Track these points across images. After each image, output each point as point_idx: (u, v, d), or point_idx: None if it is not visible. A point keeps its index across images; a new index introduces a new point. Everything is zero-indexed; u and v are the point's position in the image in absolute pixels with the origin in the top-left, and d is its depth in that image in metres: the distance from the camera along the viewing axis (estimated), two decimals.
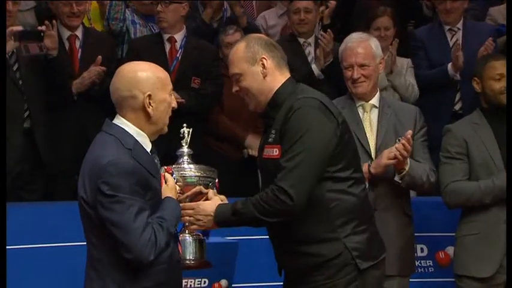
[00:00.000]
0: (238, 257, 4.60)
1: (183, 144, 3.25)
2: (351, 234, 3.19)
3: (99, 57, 5.33)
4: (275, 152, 3.15)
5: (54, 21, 5.17)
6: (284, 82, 3.22)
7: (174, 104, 3.08)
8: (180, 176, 3.21)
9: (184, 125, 3.22)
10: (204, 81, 5.68)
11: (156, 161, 3.05)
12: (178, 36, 5.75)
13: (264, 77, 3.18)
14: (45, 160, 5.15)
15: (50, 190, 5.35)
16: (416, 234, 4.34)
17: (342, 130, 3.18)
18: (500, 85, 4.38)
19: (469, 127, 4.45)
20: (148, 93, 2.98)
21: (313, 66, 5.81)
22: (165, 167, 3.09)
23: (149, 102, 2.99)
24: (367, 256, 3.22)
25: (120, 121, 3.01)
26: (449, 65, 5.88)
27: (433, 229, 5.04)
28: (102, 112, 5.15)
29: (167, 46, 5.73)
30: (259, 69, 3.18)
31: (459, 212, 4.49)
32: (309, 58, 6.02)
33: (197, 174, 3.23)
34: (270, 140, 3.19)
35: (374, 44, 4.16)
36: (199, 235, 3.27)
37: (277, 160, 3.14)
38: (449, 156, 4.39)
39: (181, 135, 3.24)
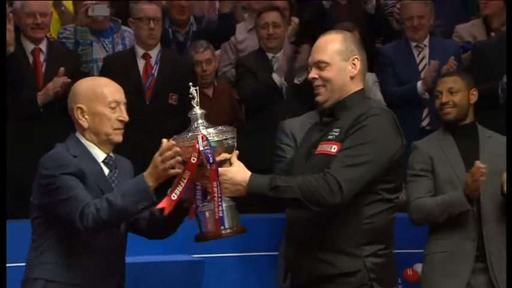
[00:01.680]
0: (204, 276, 4.51)
1: (194, 104, 3.03)
2: (373, 255, 3.13)
3: (62, 68, 5.19)
4: (333, 148, 3.09)
5: (10, 15, 5.01)
6: (360, 89, 3.22)
7: (122, 118, 3.22)
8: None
9: (190, 83, 3.09)
10: (181, 97, 5.56)
11: (111, 173, 3.15)
12: (154, 52, 5.61)
13: (349, 77, 3.17)
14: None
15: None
16: None
17: (402, 152, 3.16)
18: (438, 102, 4.45)
19: (435, 143, 4.46)
20: (78, 105, 3.17)
21: (274, 75, 5.76)
22: (201, 134, 2.93)
23: (81, 114, 3.17)
24: (383, 281, 3.14)
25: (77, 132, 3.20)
26: (419, 83, 5.88)
27: (400, 246, 4.94)
28: (68, 124, 5.06)
29: (141, 62, 5.58)
30: (349, 67, 3.18)
31: (426, 229, 4.47)
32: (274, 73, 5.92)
33: (218, 138, 3.00)
34: (330, 137, 3.13)
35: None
36: (228, 201, 3.07)
37: (332, 156, 3.08)
38: (414, 174, 4.39)
39: (191, 95, 3.05)
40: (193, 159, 2.91)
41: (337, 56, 3.18)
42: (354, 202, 3.05)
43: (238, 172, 3.02)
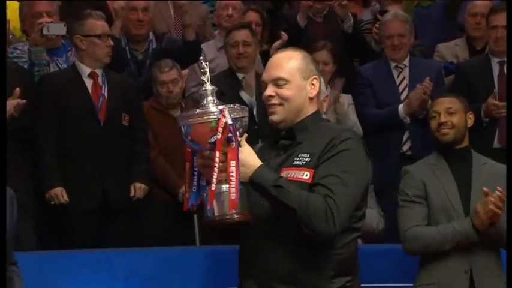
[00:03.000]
0: None
1: (205, 81, 2.86)
2: None
3: (18, 89, 4.83)
4: (306, 175, 2.95)
5: None
6: (317, 111, 3.13)
7: None
8: (204, 122, 2.79)
9: (201, 58, 2.94)
10: (132, 118, 5.28)
11: None
12: (99, 71, 5.27)
13: (308, 97, 3.07)
14: None
15: None
16: (363, 285, 3.95)
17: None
18: (435, 122, 4.28)
19: (428, 168, 4.29)
20: None
21: (242, 93, 5.47)
22: (225, 107, 2.76)
23: None
24: None
25: None
26: (401, 106, 5.62)
27: (382, 279, 4.70)
28: (20, 148, 4.87)
29: (88, 82, 5.23)
30: (308, 87, 3.07)
31: (411, 260, 4.25)
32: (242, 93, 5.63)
33: (235, 115, 2.83)
34: (297, 162, 2.99)
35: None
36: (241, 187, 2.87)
37: (306, 184, 2.94)
38: (407, 200, 4.22)
39: (202, 71, 2.87)
40: (218, 136, 2.74)
41: (297, 73, 3.05)
42: None
43: (249, 155, 2.89)
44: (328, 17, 6.39)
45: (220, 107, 2.79)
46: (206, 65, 2.89)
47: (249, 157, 2.88)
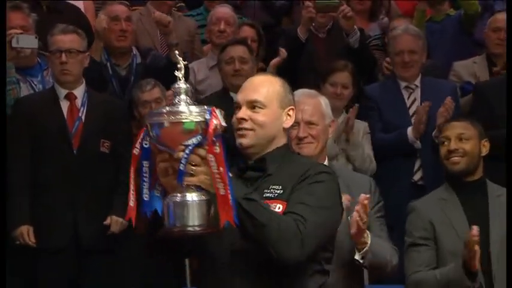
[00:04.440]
0: None
1: (179, 77, 2.66)
2: None
3: None
4: (278, 208, 2.78)
5: None
6: (286, 143, 2.95)
7: None
8: (175, 122, 2.57)
9: (177, 52, 2.79)
10: (114, 144, 4.82)
11: None
12: (79, 92, 4.81)
13: (282, 127, 2.90)
14: None
15: None
16: None
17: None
18: (445, 149, 3.97)
19: (436, 204, 3.95)
20: None
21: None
22: (211, 108, 2.57)
23: None
24: None
25: None
26: (409, 130, 5.15)
27: None
28: None
29: (64, 104, 4.78)
30: (284, 117, 2.90)
31: None
32: None
33: (198, 119, 2.58)
34: (269, 195, 2.82)
35: (324, 102, 3.63)
36: (202, 194, 2.63)
37: None
38: (413, 242, 3.94)
39: (179, 66, 2.66)
40: (198, 138, 2.54)
41: (274, 100, 2.87)
42: (299, 273, 2.78)
43: None
44: (332, 32, 5.91)
45: (192, 107, 2.57)
46: (182, 61, 2.68)
47: None
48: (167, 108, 2.57)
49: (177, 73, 2.65)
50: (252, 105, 2.84)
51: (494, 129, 4.76)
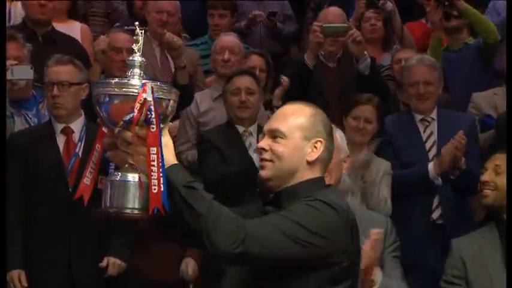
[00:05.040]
0: None
1: (135, 50, 2.52)
2: None
3: None
4: None
5: None
6: (319, 177, 2.73)
7: None
8: (123, 95, 2.45)
9: (137, 23, 2.56)
10: None
11: None
12: (76, 126, 4.58)
13: (306, 161, 2.69)
14: None
15: None
16: None
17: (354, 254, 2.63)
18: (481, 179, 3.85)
19: (473, 242, 3.94)
20: None
21: (255, 157, 4.67)
22: (150, 83, 2.42)
23: None
24: None
25: None
26: (430, 165, 4.83)
27: None
28: None
29: (61, 139, 4.55)
30: (308, 149, 2.70)
31: None
32: (250, 151, 4.88)
33: (161, 96, 2.46)
34: None
35: (339, 135, 3.42)
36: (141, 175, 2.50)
37: None
38: (446, 280, 3.96)
39: (135, 38, 2.52)
40: (134, 113, 2.39)
41: (297, 130, 2.70)
42: None
43: (166, 147, 2.48)
44: (342, 60, 5.65)
45: (145, 81, 2.43)
46: (140, 31, 2.53)
47: (165, 150, 2.47)
48: (116, 79, 2.44)
49: (133, 46, 2.50)
50: (273, 134, 2.70)
51: None
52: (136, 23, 2.55)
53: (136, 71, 2.47)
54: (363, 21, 6.00)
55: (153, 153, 2.42)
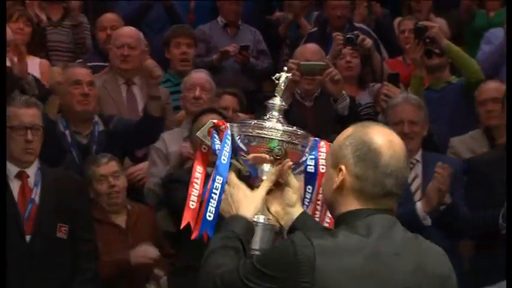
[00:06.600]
0: None
1: (276, 94, 2.58)
2: None
3: None
4: None
5: None
6: (355, 209, 2.32)
7: None
8: (254, 136, 2.51)
9: (285, 68, 2.67)
10: (72, 227, 4.31)
11: None
12: (32, 170, 4.31)
13: (335, 188, 2.35)
14: None
15: None
16: None
17: None
18: None
19: None
20: None
21: None
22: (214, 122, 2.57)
23: None
24: None
25: None
26: (419, 204, 4.58)
27: None
28: None
29: (15, 184, 4.27)
30: (335, 176, 2.35)
31: None
32: None
33: (280, 138, 2.51)
34: None
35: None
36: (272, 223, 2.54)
37: None
38: None
39: (277, 81, 2.58)
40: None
41: (329, 157, 2.42)
42: None
43: (249, 196, 2.50)
44: (320, 99, 5.43)
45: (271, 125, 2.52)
46: (286, 78, 2.58)
47: (243, 197, 2.51)
48: (254, 121, 2.51)
49: (277, 90, 2.57)
50: None
51: (491, 208, 4.44)
52: (285, 68, 2.64)
53: (275, 114, 2.53)
54: (339, 58, 5.76)
55: (218, 182, 2.47)
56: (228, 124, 2.53)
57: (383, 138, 2.28)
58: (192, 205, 2.53)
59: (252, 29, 6.82)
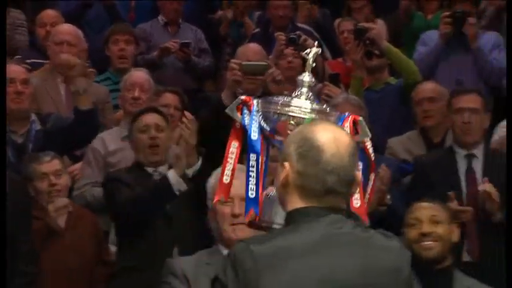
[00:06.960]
0: None
1: (306, 70, 2.52)
2: None
3: None
4: None
5: None
6: (300, 208, 2.28)
7: None
8: (282, 114, 2.45)
9: (316, 43, 2.67)
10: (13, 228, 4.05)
11: None
12: None
13: (279, 185, 2.33)
14: None
15: None
16: None
17: None
18: (415, 232, 3.79)
19: None
20: None
21: (170, 173, 4.40)
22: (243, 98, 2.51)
23: None
24: None
25: None
26: None
27: None
28: None
29: None
30: (282, 174, 2.33)
31: None
32: None
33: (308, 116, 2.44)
34: None
35: None
36: None
37: None
38: None
39: (306, 55, 2.53)
40: None
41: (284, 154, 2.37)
42: None
43: None
44: None
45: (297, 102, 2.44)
46: (316, 52, 2.53)
47: None
48: (285, 98, 2.44)
49: (308, 63, 2.51)
50: None
51: None
52: (316, 43, 2.62)
53: (304, 90, 2.47)
54: (280, 58, 5.77)
55: (253, 160, 2.45)
56: (254, 101, 2.48)
57: (327, 136, 2.24)
58: (226, 180, 2.51)
59: (193, 27, 6.81)
